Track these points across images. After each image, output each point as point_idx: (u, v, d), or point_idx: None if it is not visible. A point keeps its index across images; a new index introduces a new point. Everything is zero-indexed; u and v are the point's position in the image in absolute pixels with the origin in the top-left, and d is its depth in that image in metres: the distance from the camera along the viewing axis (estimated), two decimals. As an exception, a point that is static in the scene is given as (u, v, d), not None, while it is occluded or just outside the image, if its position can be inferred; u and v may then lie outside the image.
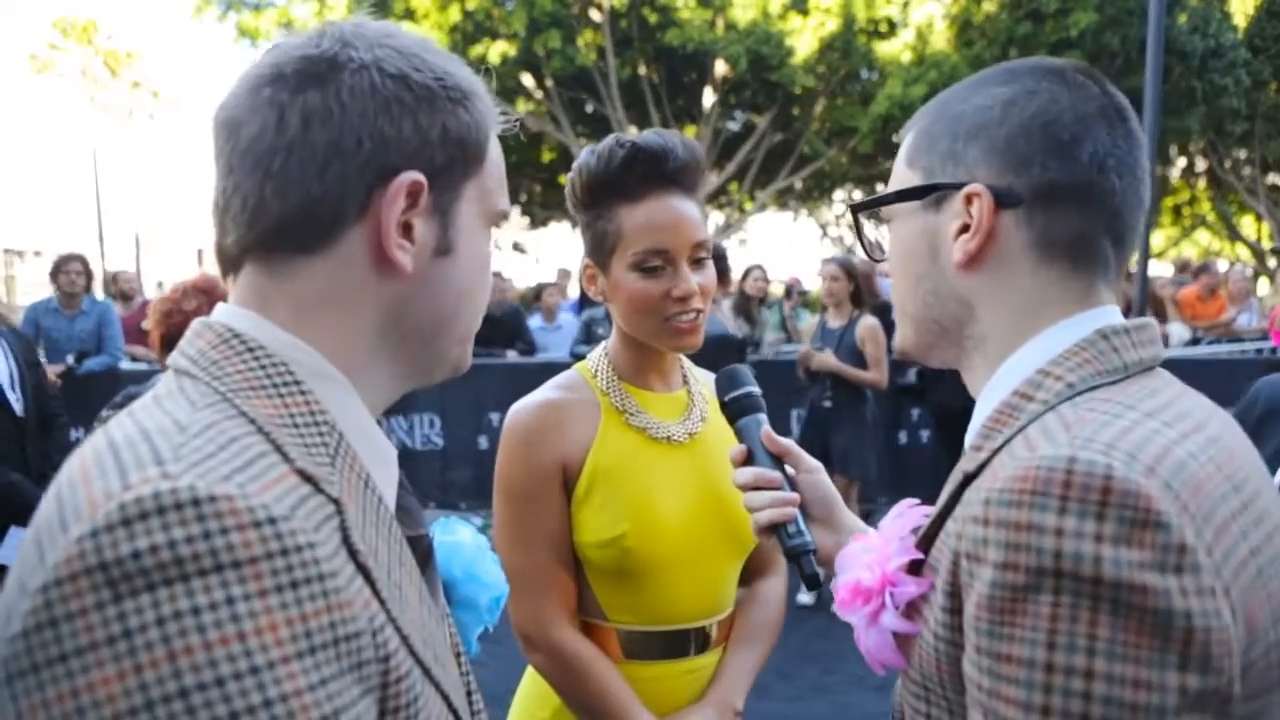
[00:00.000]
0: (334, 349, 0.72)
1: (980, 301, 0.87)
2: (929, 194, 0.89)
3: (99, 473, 0.58)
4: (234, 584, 0.54)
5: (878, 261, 1.04)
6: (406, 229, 0.72)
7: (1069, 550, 0.67)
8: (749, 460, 1.23)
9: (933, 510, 0.87)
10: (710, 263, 1.46)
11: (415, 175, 0.71)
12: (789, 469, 1.22)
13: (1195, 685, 0.66)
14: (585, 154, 1.44)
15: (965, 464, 0.83)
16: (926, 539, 0.86)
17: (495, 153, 0.80)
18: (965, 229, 0.86)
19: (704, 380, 1.60)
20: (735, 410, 1.29)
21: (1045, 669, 0.67)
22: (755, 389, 1.31)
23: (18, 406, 3.52)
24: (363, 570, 0.64)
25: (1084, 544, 0.66)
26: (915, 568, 0.86)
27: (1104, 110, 0.85)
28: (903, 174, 0.93)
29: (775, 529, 1.17)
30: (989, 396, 0.87)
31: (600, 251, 1.44)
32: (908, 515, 0.92)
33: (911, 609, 0.85)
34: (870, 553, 0.92)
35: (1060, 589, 0.67)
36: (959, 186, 0.86)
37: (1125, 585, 0.66)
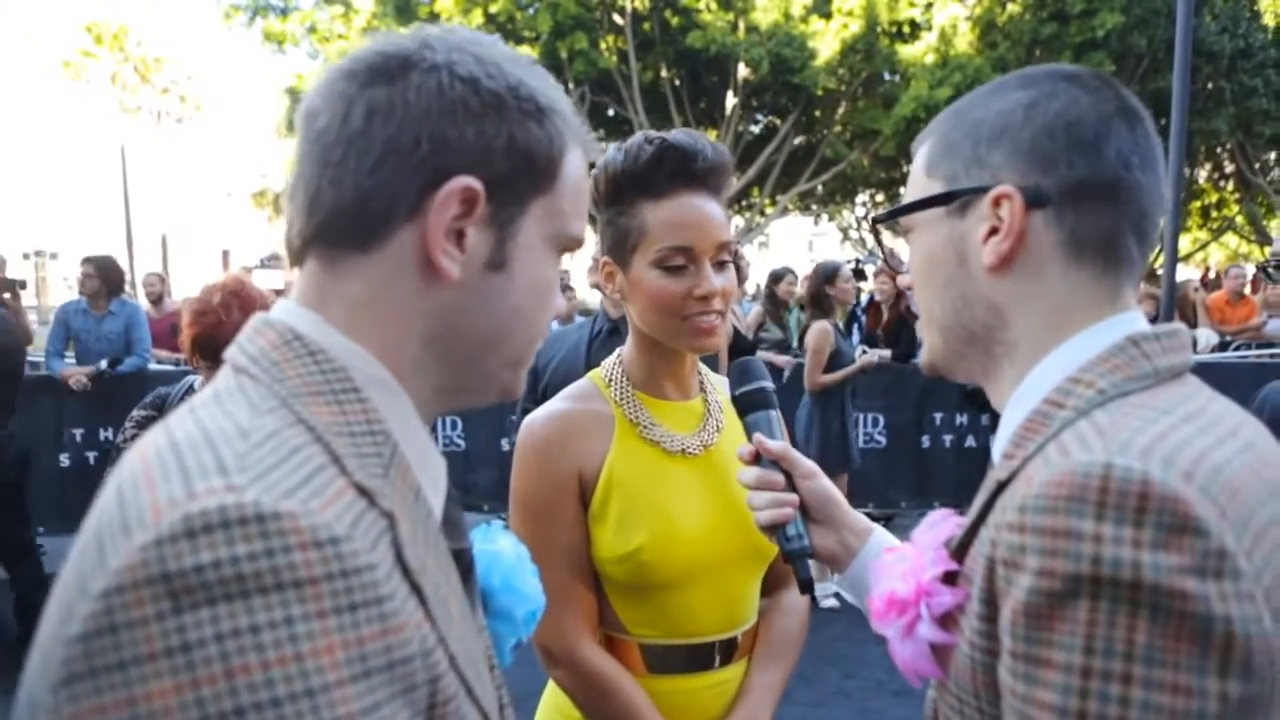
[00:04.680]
0: (382, 354, 0.72)
1: (1011, 306, 0.87)
2: (954, 200, 0.89)
3: (161, 475, 0.58)
4: (293, 604, 0.54)
5: (898, 273, 1.03)
6: (459, 236, 0.71)
7: (1107, 555, 0.66)
8: (757, 459, 1.21)
9: (966, 520, 0.86)
10: (732, 266, 1.43)
11: (469, 181, 0.70)
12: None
13: (1236, 692, 0.65)
14: (612, 150, 1.41)
15: (998, 473, 0.82)
16: (960, 548, 0.85)
17: (574, 175, 0.78)
18: (994, 232, 0.86)
19: (721, 387, 1.57)
20: (745, 405, 1.26)
21: (1082, 673, 0.67)
22: (767, 384, 1.27)
23: None
24: (415, 589, 0.64)
25: (1122, 549, 0.66)
26: (950, 578, 0.85)
27: (1122, 110, 0.86)
28: (922, 183, 0.93)
29: (774, 530, 1.16)
30: (1018, 404, 0.86)
31: (621, 248, 1.40)
32: (941, 525, 0.91)
33: (948, 619, 0.84)
34: (904, 563, 0.91)
35: (1098, 594, 0.66)
36: (986, 190, 0.86)
37: (1164, 590, 0.65)
